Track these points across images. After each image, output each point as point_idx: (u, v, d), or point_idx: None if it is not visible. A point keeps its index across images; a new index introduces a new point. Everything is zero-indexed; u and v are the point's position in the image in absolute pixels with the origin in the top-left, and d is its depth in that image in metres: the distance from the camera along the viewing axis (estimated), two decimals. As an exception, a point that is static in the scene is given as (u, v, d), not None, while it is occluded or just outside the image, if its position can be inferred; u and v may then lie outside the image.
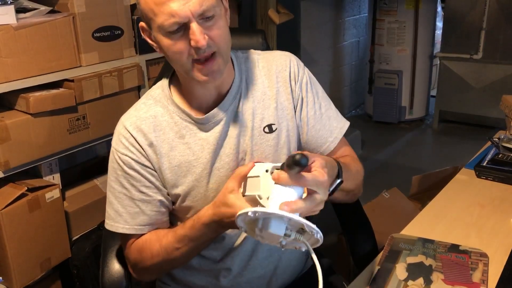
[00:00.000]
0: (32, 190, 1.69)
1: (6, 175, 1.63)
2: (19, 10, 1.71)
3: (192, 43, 0.86)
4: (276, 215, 0.74)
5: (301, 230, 0.77)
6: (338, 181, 0.90)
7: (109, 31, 1.92)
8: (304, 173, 0.77)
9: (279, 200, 0.76)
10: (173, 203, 1.04)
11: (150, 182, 1.00)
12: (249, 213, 0.75)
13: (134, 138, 0.98)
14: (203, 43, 0.86)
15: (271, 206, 0.76)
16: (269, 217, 0.75)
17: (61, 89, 1.76)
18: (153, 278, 1.16)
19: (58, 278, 1.91)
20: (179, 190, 1.01)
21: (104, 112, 1.90)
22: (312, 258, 0.77)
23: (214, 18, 0.88)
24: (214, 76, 0.92)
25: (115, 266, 1.11)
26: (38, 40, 1.68)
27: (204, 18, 0.87)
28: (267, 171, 0.84)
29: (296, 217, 0.73)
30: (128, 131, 0.99)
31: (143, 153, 0.98)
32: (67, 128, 1.79)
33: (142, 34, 0.96)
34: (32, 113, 1.65)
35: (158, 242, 0.99)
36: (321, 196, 0.79)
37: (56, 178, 1.84)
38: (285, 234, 0.75)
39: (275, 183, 0.77)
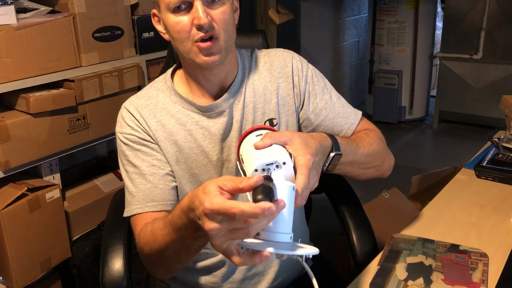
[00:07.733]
0: (32, 190, 1.69)
1: (6, 175, 1.63)
2: (19, 10, 1.71)
3: (195, 21, 0.89)
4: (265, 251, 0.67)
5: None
6: (333, 154, 0.89)
7: (109, 31, 1.92)
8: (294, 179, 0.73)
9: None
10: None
11: (161, 155, 1.00)
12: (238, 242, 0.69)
13: (137, 120, 1.00)
14: (204, 21, 0.88)
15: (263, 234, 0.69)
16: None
17: (61, 89, 1.77)
18: (158, 274, 1.01)
19: (58, 278, 1.91)
20: (180, 175, 1.01)
21: (104, 112, 1.90)
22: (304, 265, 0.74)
23: (220, 2, 0.91)
24: (213, 59, 0.92)
25: (115, 266, 1.11)
26: (38, 40, 1.68)
27: (210, 0, 0.90)
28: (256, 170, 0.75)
29: (285, 252, 0.67)
30: (132, 114, 1.01)
31: (148, 132, 1.00)
32: (67, 128, 1.79)
33: (152, 21, 1.00)
34: (32, 113, 1.65)
35: (151, 226, 0.91)
36: (311, 178, 0.76)
37: (56, 178, 1.85)
38: (277, 255, 0.69)
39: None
